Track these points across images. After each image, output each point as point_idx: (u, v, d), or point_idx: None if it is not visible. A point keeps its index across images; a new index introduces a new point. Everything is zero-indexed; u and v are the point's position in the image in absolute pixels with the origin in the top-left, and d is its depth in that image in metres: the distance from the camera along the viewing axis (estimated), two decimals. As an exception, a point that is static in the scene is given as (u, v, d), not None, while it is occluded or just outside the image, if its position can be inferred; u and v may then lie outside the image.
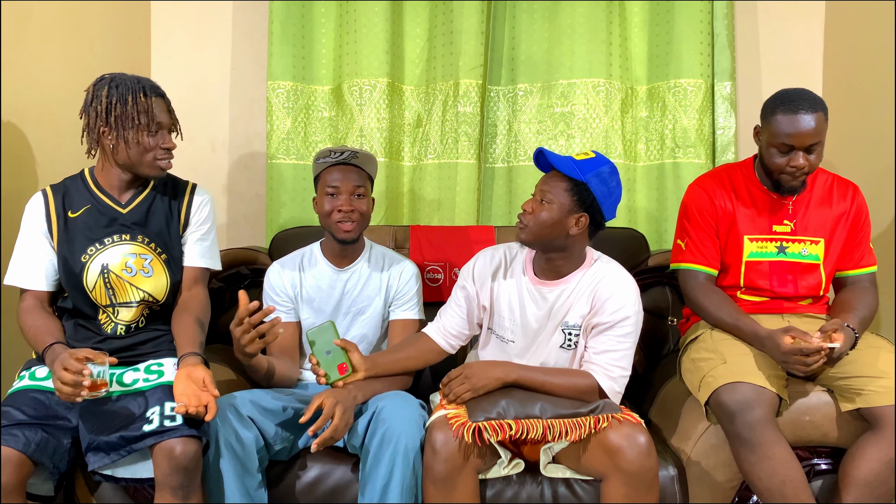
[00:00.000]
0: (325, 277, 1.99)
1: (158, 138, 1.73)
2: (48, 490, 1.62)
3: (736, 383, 1.70)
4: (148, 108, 1.70)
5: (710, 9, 2.51)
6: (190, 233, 1.84)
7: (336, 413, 1.65)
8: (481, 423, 1.60)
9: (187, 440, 1.56)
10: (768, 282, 1.95)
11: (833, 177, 1.99)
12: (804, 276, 1.94)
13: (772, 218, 1.94)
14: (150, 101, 1.72)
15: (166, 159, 1.75)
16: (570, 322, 1.79)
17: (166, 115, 1.75)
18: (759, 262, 1.95)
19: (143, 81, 1.74)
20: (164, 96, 1.77)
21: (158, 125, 1.72)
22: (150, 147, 1.72)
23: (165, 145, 1.74)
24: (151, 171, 1.75)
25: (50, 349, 1.63)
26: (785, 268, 1.94)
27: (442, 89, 2.56)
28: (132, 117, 1.69)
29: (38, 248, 1.74)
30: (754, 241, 1.94)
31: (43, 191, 1.77)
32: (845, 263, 1.98)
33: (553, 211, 1.72)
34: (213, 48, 2.67)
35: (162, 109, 1.74)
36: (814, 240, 1.93)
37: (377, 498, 1.63)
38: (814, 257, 1.94)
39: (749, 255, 1.95)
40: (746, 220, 1.95)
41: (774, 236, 1.94)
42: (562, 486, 1.72)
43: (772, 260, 1.94)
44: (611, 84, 2.54)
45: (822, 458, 1.80)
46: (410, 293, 2.00)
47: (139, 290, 1.75)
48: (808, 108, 1.80)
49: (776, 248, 1.94)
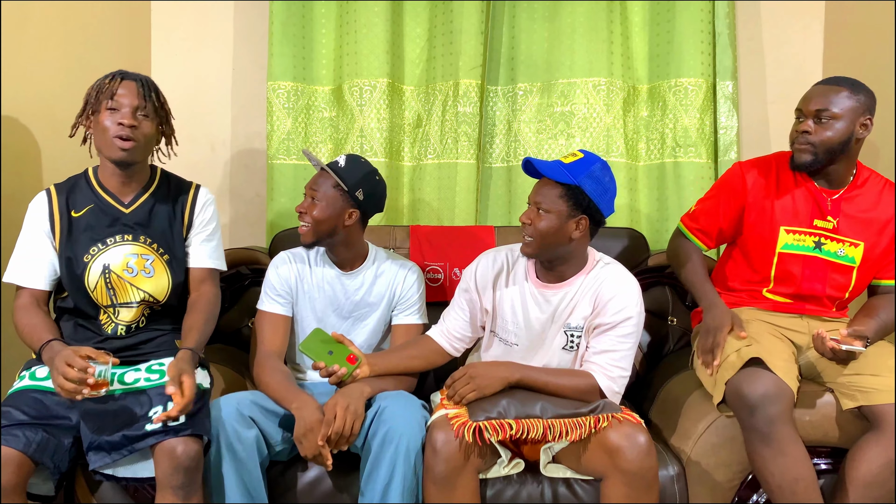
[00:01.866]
0: (330, 279, 1.98)
1: (116, 116, 1.68)
2: (48, 490, 1.62)
3: (759, 371, 1.67)
4: (108, 88, 1.68)
5: (712, 8, 2.50)
6: (195, 234, 1.83)
7: (339, 409, 1.65)
8: (482, 423, 1.60)
9: (188, 440, 1.56)
10: (799, 277, 1.90)
11: (886, 181, 1.93)
12: (835, 278, 1.90)
13: (814, 211, 1.89)
14: (117, 82, 1.69)
15: (124, 137, 1.67)
16: (572, 324, 1.79)
17: (131, 96, 1.69)
18: (792, 255, 1.90)
19: (123, 71, 1.72)
20: (140, 81, 1.73)
21: (117, 103, 1.68)
22: (106, 127, 1.68)
23: (121, 120, 1.68)
24: (112, 152, 1.70)
25: (48, 345, 1.63)
26: (818, 265, 1.89)
27: (442, 89, 2.56)
28: (97, 99, 1.68)
29: (39, 247, 1.74)
30: (791, 233, 1.89)
31: (47, 190, 1.77)
32: (885, 272, 1.92)
33: (552, 220, 1.71)
34: (213, 48, 2.67)
35: (127, 89, 1.69)
36: (854, 242, 1.88)
37: (378, 498, 1.63)
38: (850, 259, 1.88)
39: (783, 246, 1.90)
40: (785, 210, 1.90)
41: (814, 231, 1.88)
42: (562, 485, 1.72)
43: (806, 255, 1.89)
44: (612, 83, 2.54)
45: (822, 458, 1.80)
46: (413, 298, 1.99)
47: (140, 291, 1.75)
48: (830, 81, 1.82)
49: (813, 244, 1.88)
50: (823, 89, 1.82)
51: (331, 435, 1.64)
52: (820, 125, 1.80)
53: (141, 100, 1.71)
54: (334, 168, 1.89)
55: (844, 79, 1.83)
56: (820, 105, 1.80)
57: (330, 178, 1.88)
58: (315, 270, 1.99)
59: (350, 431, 1.66)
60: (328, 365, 1.73)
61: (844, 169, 1.88)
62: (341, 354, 1.76)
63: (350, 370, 1.74)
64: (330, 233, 1.89)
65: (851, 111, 1.79)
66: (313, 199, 1.88)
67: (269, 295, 1.97)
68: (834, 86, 1.81)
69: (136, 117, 1.70)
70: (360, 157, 1.96)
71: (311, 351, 1.75)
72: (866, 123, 1.81)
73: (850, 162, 1.88)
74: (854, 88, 1.80)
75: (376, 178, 1.94)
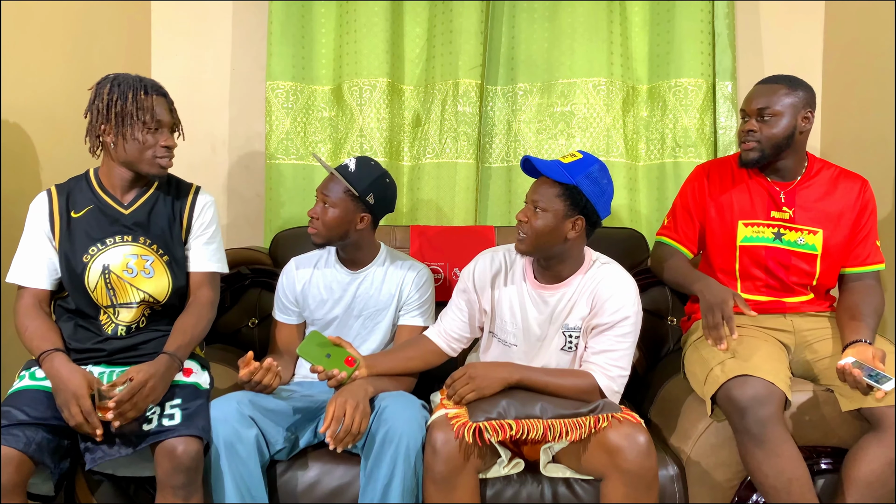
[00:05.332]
0: (338, 279, 1.99)
1: (158, 136, 1.73)
2: (48, 490, 1.62)
3: (747, 377, 1.68)
4: (147, 106, 1.71)
5: (711, 8, 2.51)
6: (194, 237, 1.83)
7: (348, 407, 1.65)
8: (482, 424, 1.60)
9: (189, 439, 1.56)
10: (763, 269, 1.94)
11: (840, 170, 1.98)
12: (799, 265, 1.94)
13: (770, 204, 1.95)
14: (151, 98, 1.72)
15: (166, 157, 1.75)
16: (570, 325, 1.79)
17: (167, 114, 1.75)
18: (754, 247, 1.95)
19: (145, 80, 1.74)
20: (166, 95, 1.77)
21: (158, 123, 1.72)
22: (149, 144, 1.72)
23: (165, 143, 1.73)
24: (151, 169, 1.75)
25: (48, 356, 1.63)
26: (780, 254, 1.94)
27: (441, 89, 2.56)
28: (131, 114, 1.69)
29: (40, 247, 1.74)
30: (749, 226, 1.95)
31: (48, 190, 1.78)
32: (850, 260, 1.96)
33: (548, 219, 1.71)
34: (213, 48, 2.67)
35: (163, 108, 1.74)
36: (812, 230, 1.93)
37: (378, 498, 1.63)
38: (811, 247, 1.93)
39: (743, 239, 1.95)
40: (742, 204, 1.96)
41: (772, 222, 1.94)
42: (562, 485, 1.72)
43: (767, 245, 1.94)
44: (612, 83, 2.54)
45: (821, 458, 1.80)
46: (421, 299, 1.99)
47: (139, 291, 1.75)
48: (769, 80, 1.91)
49: (773, 235, 1.94)
50: (763, 89, 1.89)
51: (339, 432, 1.64)
52: (763, 123, 1.88)
53: (173, 117, 1.78)
54: (344, 173, 1.90)
55: (782, 76, 1.91)
56: (761, 104, 1.87)
57: (341, 183, 1.89)
58: (324, 273, 2.00)
59: (358, 429, 1.66)
60: (326, 368, 1.73)
61: (794, 162, 1.94)
62: (339, 357, 1.76)
63: (349, 373, 1.74)
64: (342, 236, 1.91)
65: (791, 107, 1.86)
66: (325, 203, 1.89)
67: (278, 305, 2.06)
68: (773, 84, 1.89)
69: (173, 136, 1.77)
70: (371, 159, 1.96)
71: (308, 355, 1.74)
72: (808, 116, 1.88)
73: (799, 155, 1.94)
74: (791, 85, 1.88)
75: (387, 182, 1.95)
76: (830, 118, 2.61)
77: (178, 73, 2.65)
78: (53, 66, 2.23)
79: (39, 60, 2.18)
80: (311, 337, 1.78)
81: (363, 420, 1.66)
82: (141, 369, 1.60)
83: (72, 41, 2.30)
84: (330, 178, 1.93)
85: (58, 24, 2.24)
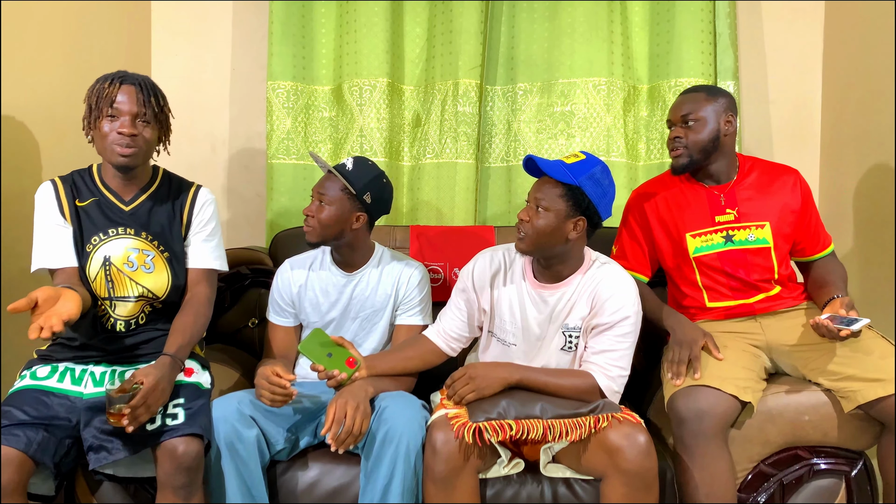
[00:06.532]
0: (333, 281, 1.98)
1: (115, 124, 1.68)
2: (49, 490, 1.62)
3: (697, 387, 1.73)
4: (108, 95, 1.67)
5: (712, 8, 2.51)
6: (194, 234, 1.83)
7: (349, 408, 1.65)
8: (482, 424, 1.60)
9: (189, 439, 1.56)
10: (723, 275, 1.96)
11: (770, 164, 2.04)
12: (756, 262, 1.95)
13: (713, 209, 1.97)
14: (116, 88, 1.68)
15: (123, 145, 1.68)
16: (570, 325, 1.79)
17: (130, 103, 1.69)
18: (708, 256, 1.96)
19: (122, 72, 1.72)
20: (140, 85, 1.71)
21: (116, 111, 1.68)
22: (106, 133, 1.68)
23: (120, 129, 1.68)
24: (112, 158, 1.70)
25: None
26: (735, 256, 1.95)
27: (441, 89, 2.56)
28: (97, 105, 1.68)
29: (58, 229, 1.73)
30: (697, 237, 1.97)
31: (52, 180, 1.77)
32: (810, 249, 2.02)
33: (550, 218, 1.71)
34: (213, 48, 2.67)
35: (126, 96, 1.69)
36: (759, 224, 1.95)
37: (378, 498, 1.63)
38: (762, 241, 1.95)
39: (695, 251, 1.97)
40: (686, 218, 1.99)
41: (718, 227, 1.96)
42: (562, 485, 1.73)
43: (720, 251, 1.96)
44: (612, 83, 2.54)
45: (821, 458, 1.80)
46: (417, 298, 1.98)
47: (138, 286, 1.75)
48: (690, 90, 2.01)
49: (723, 238, 1.96)
50: (685, 98, 1.98)
51: (340, 433, 1.64)
52: (688, 129, 1.94)
53: (140, 106, 1.70)
54: (342, 171, 1.89)
55: (702, 86, 2.02)
56: (685, 111, 1.94)
57: (338, 181, 1.88)
58: (319, 274, 1.99)
59: (359, 430, 1.66)
60: (327, 368, 1.73)
61: (725, 164, 1.98)
62: (340, 358, 1.75)
63: (349, 374, 1.74)
64: (337, 236, 1.90)
65: (713, 112, 1.93)
66: (321, 202, 1.88)
67: (272, 307, 2.02)
68: (693, 93, 1.98)
69: (135, 125, 1.70)
70: (368, 159, 1.96)
71: (309, 353, 1.74)
72: (730, 120, 1.95)
73: (728, 157, 1.98)
74: (710, 92, 1.97)
75: (384, 181, 1.94)
76: (830, 118, 2.61)
77: (178, 73, 2.64)
78: (53, 66, 2.23)
79: (40, 60, 2.18)
80: (314, 335, 1.76)
81: (364, 421, 1.66)
82: (149, 372, 1.60)
83: (72, 41, 2.30)
84: (327, 176, 1.92)
85: (57, 24, 2.25)
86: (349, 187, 1.87)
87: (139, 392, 1.54)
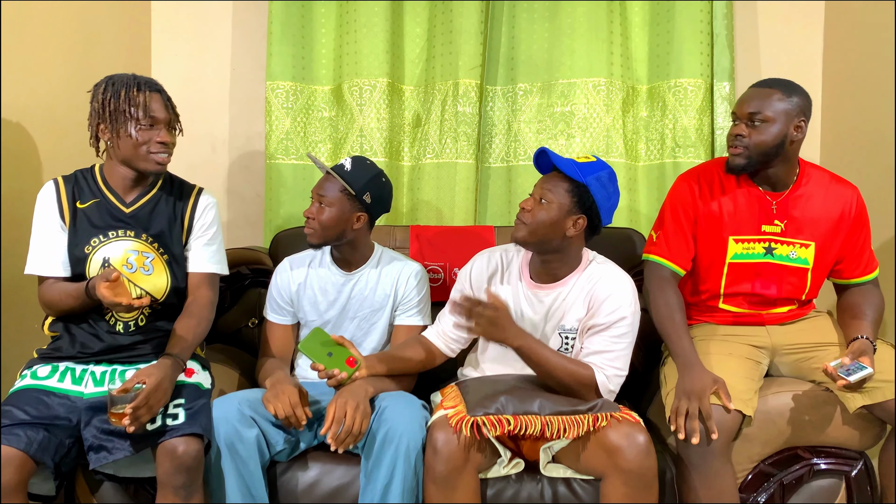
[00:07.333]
0: (332, 280, 1.98)
1: (153, 132, 1.71)
2: (49, 490, 1.62)
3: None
4: (140, 102, 1.69)
5: (710, 9, 2.51)
6: (195, 237, 1.83)
7: (348, 408, 1.65)
8: (480, 418, 1.60)
9: (190, 439, 1.56)
10: (751, 284, 1.88)
11: (830, 176, 1.91)
12: (789, 280, 1.87)
13: (762, 217, 1.86)
14: (144, 94, 1.71)
15: (162, 153, 1.73)
16: (566, 326, 1.79)
17: (162, 110, 1.73)
18: (743, 265, 1.87)
19: (139, 78, 1.73)
20: (162, 91, 1.76)
21: (152, 119, 1.71)
22: (142, 141, 1.70)
23: (160, 139, 1.72)
24: (148, 165, 1.73)
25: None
26: (771, 270, 1.86)
27: (441, 89, 2.56)
28: (124, 111, 1.69)
29: (54, 235, 1.74)
30: (740, 243, 1.87)
31: (54, 180, 1.77)
32: (848, 272, 1.91)
33: (552, 211, 1.72)
34: (213, 48, 2.67)
35: (158, 104, 1.73)
36: (804, 243, 1.85)
37: (378, 498, 1.63)
38: (803, 261, 1.86)
39: (733, 256, 1.87)
40: (733, 219, 1.87)
41: (763, 237, 1.86)
42: (562, 485, 1.73)
43: (758, 262, 1.86)
44: (612, 83, 2.54)
45: (822, 458, 1.80)
46: (416, 298, 1.98)
47: (137, 288, 1.75)
48: (764, 84, 1.80)
49: (764, 249, 1.86)
50: (757, 92, 1.79)
51: (340, 433, 1.64)
52: (753, 128, 1.77)
53: (170, 113, 1.76)
54: (340, 172, 1.89)
55: (778, 80, 1.81)
56: (753, 108, 1.77)
57: (336, 182, 1.88)
58: (319, 273, 1.99)
59: (359, 430, 1.66)
60: (327, 367, 1.72)
61: (784, 171, 1.84)
62: (340, 357, 1.75)
63: (350, 373, 1.74)
64: (338, 236, 1.90)
65: (784, 114, 1.76)
66: (321, 203, 1.88)
67: (271, 306, 2.01)
68: (767, 88, 1.79)
69: (170, 132, 1.75)
70: (366, 158, 1.96)
71: (310, 352, 1.73)
72: (800, 126, 1.78)
73: (790, 164, 1.84)
74: (787, 91, 1.77)
75: (383, 181, 1.95)
76: (830, 118, 2.61)
77: (178, 74, 2.64)
78: (54, 67, 2.23)
79: (40, 60, 2.18)
80: (314, 334, 1.76)
81: (364, 421, 1.66)
82: (151, 373, 1.60)
83: (72, 41, 2.30)
84: (326, 177, 1.92)
85: (58, 24, 2.25)
86: (348, 188, 1.87)
87: (141, 392, 1.54)
